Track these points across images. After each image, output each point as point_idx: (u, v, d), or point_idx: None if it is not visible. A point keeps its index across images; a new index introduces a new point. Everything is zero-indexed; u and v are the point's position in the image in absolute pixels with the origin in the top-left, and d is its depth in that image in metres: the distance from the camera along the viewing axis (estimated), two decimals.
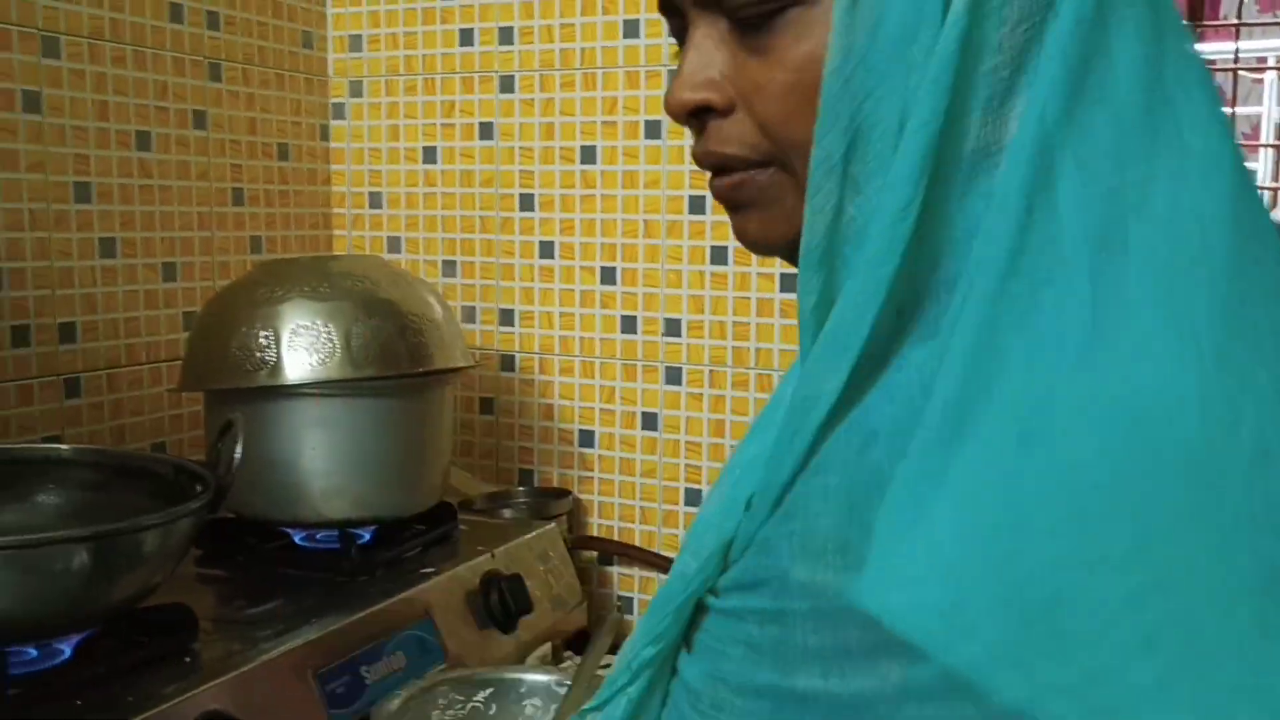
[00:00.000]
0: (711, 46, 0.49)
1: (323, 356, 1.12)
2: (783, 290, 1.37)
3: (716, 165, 0.50)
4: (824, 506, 0.45)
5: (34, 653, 0.89)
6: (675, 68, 0.50)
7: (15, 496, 1.01)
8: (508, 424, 1.56)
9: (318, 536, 1.21)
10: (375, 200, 1.60)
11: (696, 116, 0.50)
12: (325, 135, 1.59)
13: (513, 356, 1.54)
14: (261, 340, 1.13)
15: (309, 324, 1.13)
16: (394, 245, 1.59)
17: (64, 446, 1.05)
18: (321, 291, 1.15)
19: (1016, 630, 0.38)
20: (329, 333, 1.13)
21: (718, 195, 0.51)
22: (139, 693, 0.86)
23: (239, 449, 0.96)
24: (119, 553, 0.86)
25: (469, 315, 1.55)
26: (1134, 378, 0.40)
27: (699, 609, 0.51)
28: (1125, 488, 0.39)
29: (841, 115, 0.45)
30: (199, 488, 0.97)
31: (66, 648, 0.90)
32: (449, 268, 1.56)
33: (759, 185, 0.49)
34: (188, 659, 0.93)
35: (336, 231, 1.62)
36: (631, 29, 1.42)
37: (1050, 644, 0.38)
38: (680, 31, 0.51)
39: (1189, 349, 0.40)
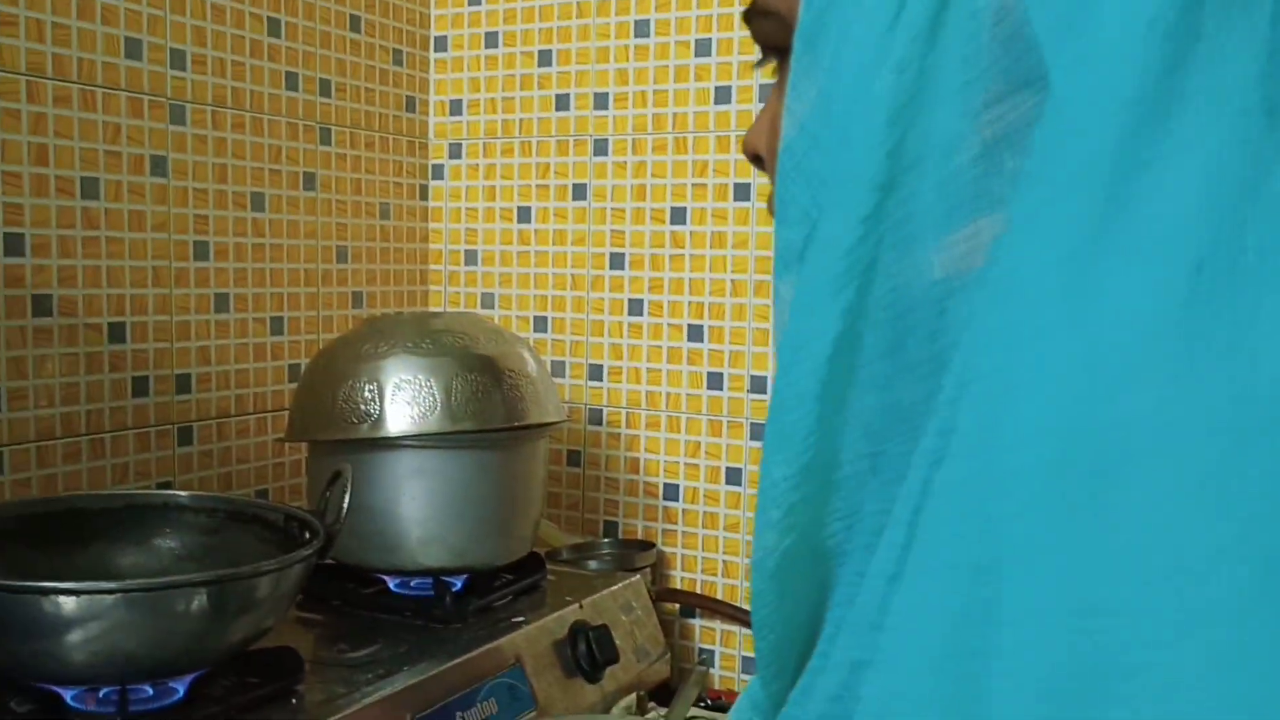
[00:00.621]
0: (775, 90, 0.43)
1: (424, 410, 1.17)
2: None
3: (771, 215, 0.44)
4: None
5: (149, 690, 0.94)
6: None
7: (135, 540, 1.06)
8: (594, 476, 1.59)
9: (412, 583, 1.25)
10: (470, 257, 1.65)
11: (757, 162, 0.45)
12: (424, 195, 1.65)
13: (600, 410, 1.58)
14: (366, 393, 1.18)
15: (411, 378, 1.18)
16: (488, 301, 1.65)
17: (182, 493, 1.11)
18: (423, 347, 1.20)
19: None
20: (430, 387, 1.18)
21: None
22: None
23: (348, 498, 1.01)
24: (236, 596, 0.90)
25: (559, 370, 1.59)
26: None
27: None
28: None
29: (795, 202, 0.37)
30: (307, 534, 1.01)
31: (180, 687, 0.95)
32: (540, 323, 1.61)
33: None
34: (294, 700, 0.97)
35: (433, 287, 1.67)
36: (723, 95, 1.46)
37: None
38: None
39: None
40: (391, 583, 1.25)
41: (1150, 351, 0.29)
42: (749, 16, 0.42)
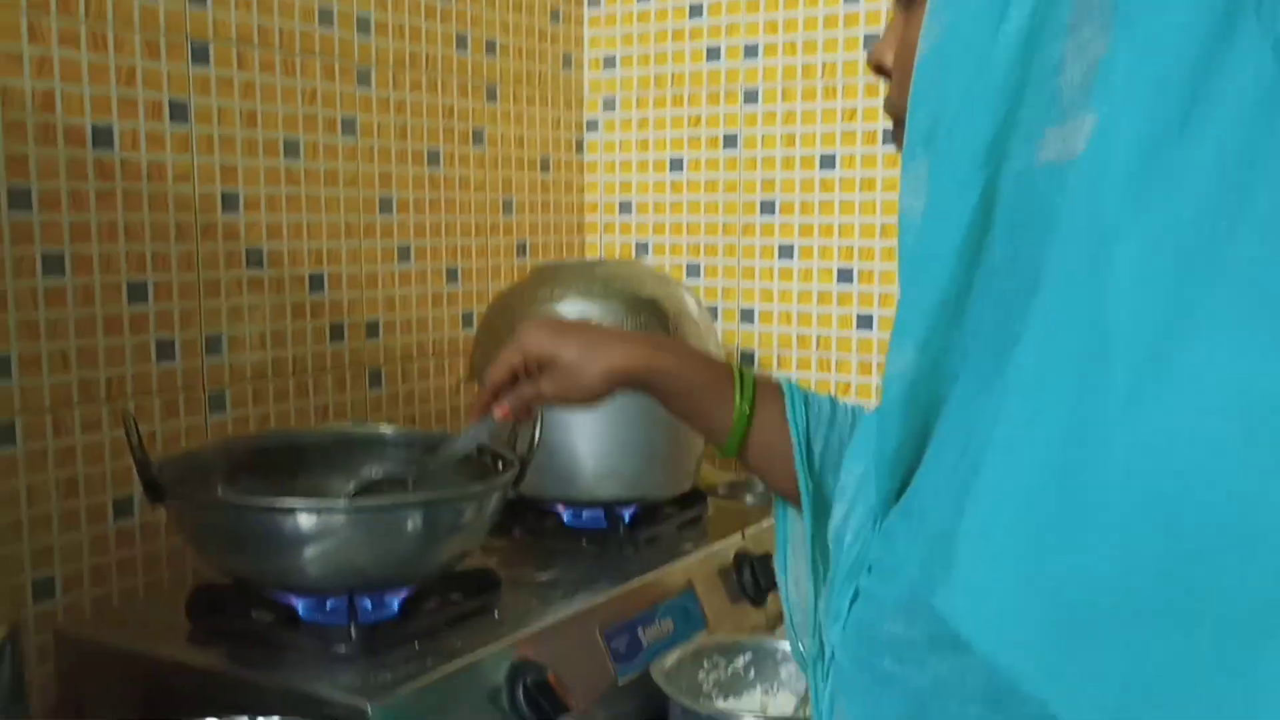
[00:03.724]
0: (899, 15, 0.57)
1: None
2: None
3: (886, 115, 0.58)
4: (930, 510, 0.49)
5: (369, 604, 1.04)
6: None
7: (346, 469, 1.17)
8: None
9: (584, 515, 1.34)
10: (625, 207, 1.72)
11: (879, 71, 0.58)
12: (579, 148, 1.73)
13: (752, 353, 1.64)
14: None
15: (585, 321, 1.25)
16: (641, 249, 1.72)
17: (386, 428, 1.21)
18: (595, 291, 1.28)
19: (1060, 641, 0.41)
20: None
21: None
22: (464, 640, 0.99)
23: (539, 430, 1.09)
24: (447, 517, 1.00)
25: (711, 314, 1.65)
26: (1175, 445, 0.40)
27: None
28: (1162, 518, 0.40)
29: (924, 99, 0.48)
30: (499, 464, 1.10)
31: (395, 601, 1.05)
32: (692, 270, 1.68)
33: (897, 138, 0.55)
34: (496, 613, 1.06)
35: (588, 237, 1.75)
36: (872, 41, 1.49)
37: (1088, 659, 0.41)
38: None
39: (1239, 422, 0.39)
40: (565, 514, 1.34)
41: (1210, 214, 0.40)
42: None
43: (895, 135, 0.57)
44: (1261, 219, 0.40)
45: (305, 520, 0.94)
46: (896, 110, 0.56)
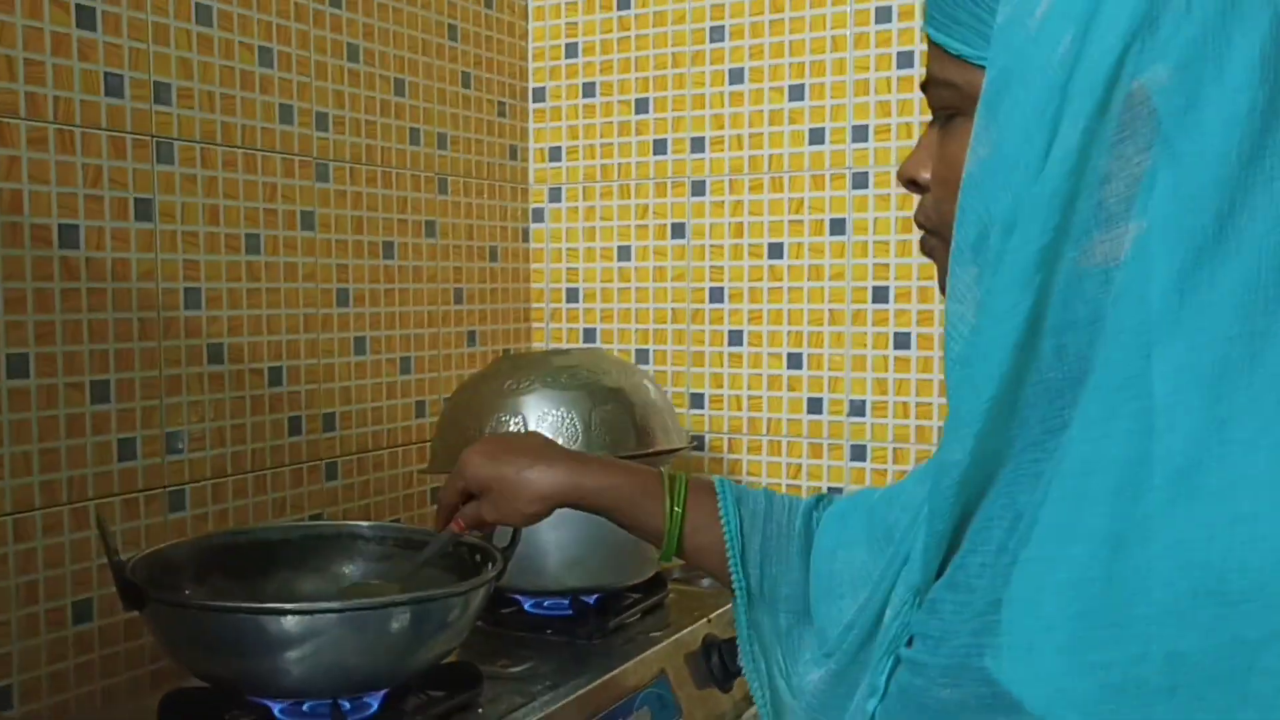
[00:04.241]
0: (934, 134, 0.60)
1: (566, 440, 1.25)
2: None
3: (918, 226, 0.62)
4: (978, 583, 0.52)
5: (347, 705, 1.02)
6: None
7: (316, 568, 1.15)
8: None
9: (545, 603, 1.33)
10: (572, 295, 1.74)
11: (911, 185, 0.62)
12: (526, 237, 1.75)
13: (703, 437, 1.66)
14: (511, 426, 1.26)
15: (553, 411, 1.26)
16: (589, 336, 1.73)
17: (362, 524, 1.19)
18: (562, 382, 1.29)
19: (1112, 704, 0.45)
20: (571, 419, 1.26)
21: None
22: None
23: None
24: (435, 616, 0.98)
25: None
26: (1220, 522, 0.45)
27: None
28: (1208, 594, 0.44)
29: (972, 212, 0.52)
30: (477, 558, 1.10)
31: (374, 701, 1.03)
32: (641, 356, 1.70)
33: (931, 247, 0.60)
34: (480, 710, 1.05)
35: (535, 324, 1.76)
36: (817, 136, 1.55)
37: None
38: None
39: None
40: (526, 603, 1.33)
41: (1239, 336, 0.46)
42: (927, 85, 0.59)
43: (925, 244, 0.61)
44: None
45: (294, 623, 0.92)
46: (934, 222, 0.59)
